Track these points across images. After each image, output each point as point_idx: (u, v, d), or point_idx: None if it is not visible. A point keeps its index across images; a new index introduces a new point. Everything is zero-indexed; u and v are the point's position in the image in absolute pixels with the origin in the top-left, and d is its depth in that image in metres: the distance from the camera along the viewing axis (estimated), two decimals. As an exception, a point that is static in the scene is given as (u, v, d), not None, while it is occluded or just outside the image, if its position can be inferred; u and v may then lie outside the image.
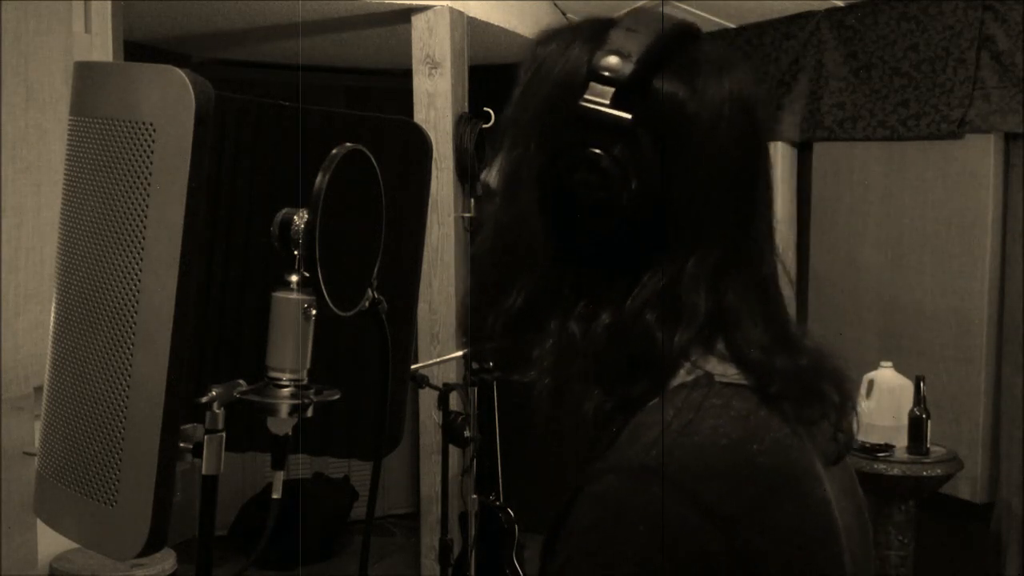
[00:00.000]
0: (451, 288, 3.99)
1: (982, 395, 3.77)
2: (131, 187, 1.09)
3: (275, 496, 1.31)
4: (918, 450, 3.44)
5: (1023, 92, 3.56)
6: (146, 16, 3.89)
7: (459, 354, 3.52)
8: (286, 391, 1.27)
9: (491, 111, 4.00)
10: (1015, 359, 3.74)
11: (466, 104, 4.08)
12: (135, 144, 1.09)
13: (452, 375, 3.91)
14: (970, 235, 3.78)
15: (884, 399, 3.53)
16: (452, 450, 3.66)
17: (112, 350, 1.11)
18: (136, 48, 4.27)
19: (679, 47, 0.82)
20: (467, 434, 3.47)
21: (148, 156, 1.08)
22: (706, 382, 0.79)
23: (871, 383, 3.57)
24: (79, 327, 1.15)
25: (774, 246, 0.86)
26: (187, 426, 1.19)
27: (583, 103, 0.79)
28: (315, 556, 4.86)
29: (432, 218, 3.84)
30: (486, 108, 3.99)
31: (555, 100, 0.83)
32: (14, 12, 2.51)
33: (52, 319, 1.21)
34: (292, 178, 1.60)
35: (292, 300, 1.26)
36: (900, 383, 3.56)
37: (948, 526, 3.83)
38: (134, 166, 1.09)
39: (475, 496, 3.85)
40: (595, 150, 0.79)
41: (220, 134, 1.65)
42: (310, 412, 1.29)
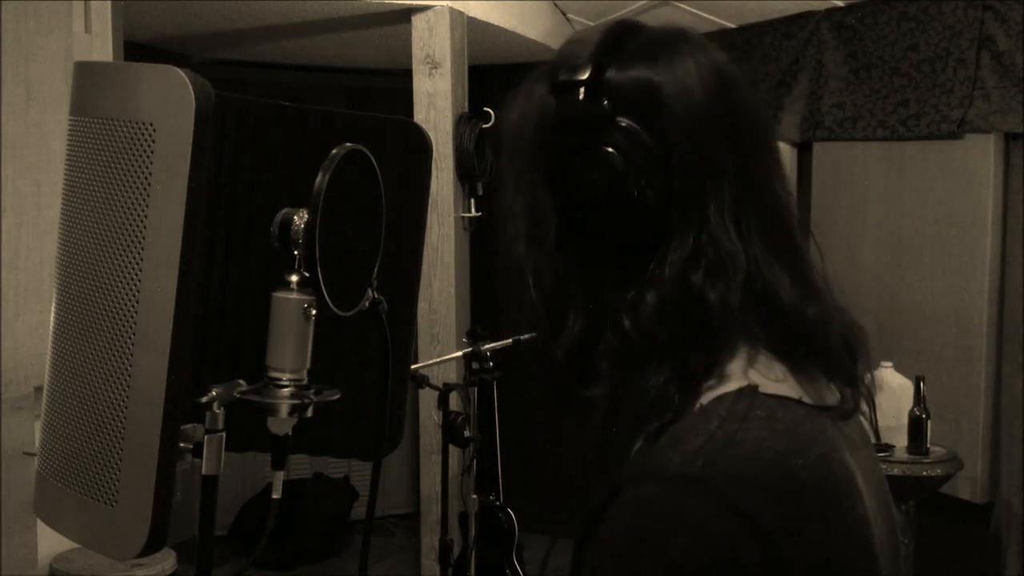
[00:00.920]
0: (451, 288, 3.99)
1: (982, 395, 3.77)
2: (131, 187, 1.09)
3: (275, 496, 1.30)
4: (918, 450, 3.44)
5: (1023, 92, 3.56)
6: (146, 16, 3.90)
7: (459, 354, 3.52)
8: (286, 391, 1.27)
9: (491, 111, 4.00)
10: (1015, 359, 3.74)
11: (466, 104, 4.07)
12: (135, 144, 1.09)
13: (452, 375, 3.91)
14: (970, 235, 3.78)
15: (884, 399, 3.52)
16: (452, 450, 3.66)
17: (112, 350, 1.11)
18: (136, 48, 4.27)
19: (626, 34, 0.85)
20: (467, 434, 3.47)
21: (148, 156, 1.08)
22: (750, 393, 0.78)
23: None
24: (79, 327, 1.15)
25: (783, 175, 0.87)
26: (187, 426, 1.19)
27: (560, 113, 0.82)
28: (315, 556, 4.86)
29: (432, 218, 3.83)
30: (486, 108, 3.99)
31: (538, 133, 0.85)
32: (14, 12, 2.51)
33: (52, 319, 1.21)
34: (292, 178, 1.60)
35: (292, 300, 1.26)
36: (900, 383, 3.56)
37: (948, 526, 3.83)
38: (134, 166, 1.09)
39: (475, 496, 3.85)
40: (595, 149, 0.81)
41: (220, 134, 1.65)
42: (310, 412, 1.29)
